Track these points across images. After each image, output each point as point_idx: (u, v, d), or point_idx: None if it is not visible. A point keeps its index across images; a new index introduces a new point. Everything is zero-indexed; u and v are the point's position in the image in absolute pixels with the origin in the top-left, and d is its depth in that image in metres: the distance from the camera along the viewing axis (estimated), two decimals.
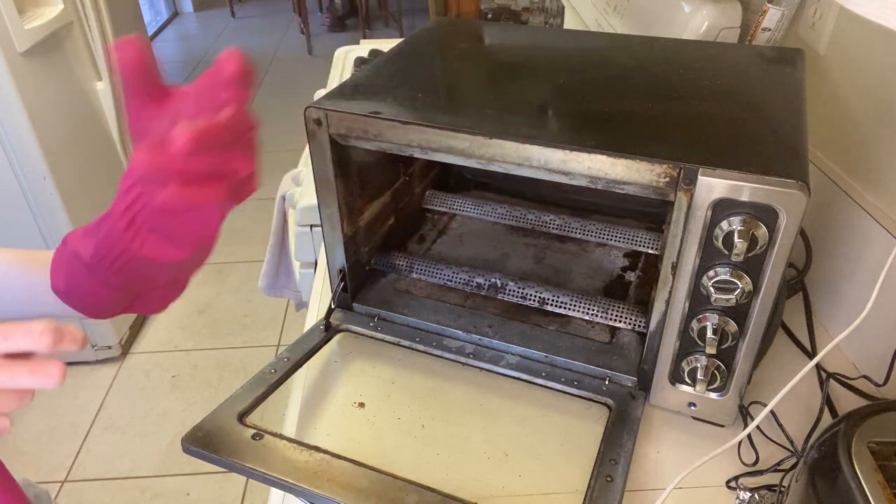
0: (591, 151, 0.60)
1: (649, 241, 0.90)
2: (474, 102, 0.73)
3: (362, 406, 0.73)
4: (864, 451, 0.51)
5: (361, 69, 0.81)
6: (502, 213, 0.97)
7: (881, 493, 0.48)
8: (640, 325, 0.77)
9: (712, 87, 0.75)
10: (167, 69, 4.14)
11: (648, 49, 0.88)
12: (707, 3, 1.01)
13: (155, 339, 2.23)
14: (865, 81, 0.81)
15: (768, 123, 0.67)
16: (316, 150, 0.73)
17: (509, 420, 0.72)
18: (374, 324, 0.82)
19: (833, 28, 0.86)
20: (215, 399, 0.80)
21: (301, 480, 0.59)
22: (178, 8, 5.50)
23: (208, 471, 1.78)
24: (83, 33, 1.88)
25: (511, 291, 0.83)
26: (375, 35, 4.91)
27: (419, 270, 0.87)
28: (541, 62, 0.85)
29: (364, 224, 0.84)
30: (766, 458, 0.68)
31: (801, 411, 0.72)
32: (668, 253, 0.62)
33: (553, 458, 0.67)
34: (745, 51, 0.90)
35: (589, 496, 0.60)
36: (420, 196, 1.01)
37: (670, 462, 0.68)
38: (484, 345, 0.78)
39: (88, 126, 1.95)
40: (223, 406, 0.67)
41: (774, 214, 0.56)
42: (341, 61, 1.75)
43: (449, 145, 0.66)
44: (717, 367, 0.66)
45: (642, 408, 0.70)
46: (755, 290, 0.60)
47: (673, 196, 0.59)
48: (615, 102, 0.73)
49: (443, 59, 0.87)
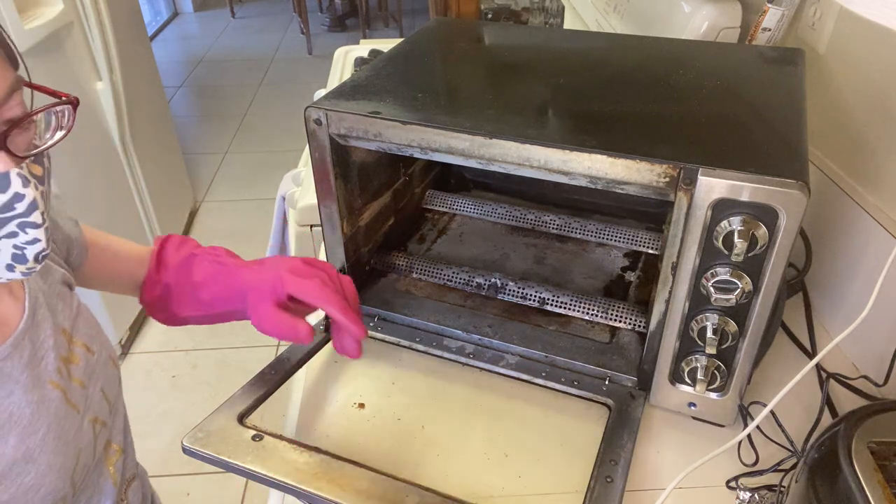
0: (591, 151, 0.60)
1: (649, 241, 0.90)
2: (474, 102, 0.73)
3: (362, 407, 0.73)
4: (864, 451, 0.51)
5: (361, 69, 0.81)
6: (502, 213, 0.97)
7: (881, 493, 0.48)
8: (640, 325, 0.77)
9: (712, 87, 0.75)
10: (167, 69, 4.14)
11: (648, 49, 0.88)
12: (707, 3, 1.01)
13: (155, 340, 2.23)
14: (865, 81, 0.81)
15: (768, 123, 0.67)
16: (316, 150, 0.73)
17: (509, 420, 0.72)
18: (375, 324, 0.82)
19: (833, 28, 0.86)
20: (215, 399, 0.80)
21: (301, 482, 0.59)
22: (178, 8, 5.50)
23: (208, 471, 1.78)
24: (83, 33, 1.88)
25: (511, 291, 0.83)
26: (375, 35, 4.91)
27: (419, 270, 0.87)
28: (541, 62, 0.85)
29: (364, 224, 0.84)
30: (766, 458, 0.68)
31: (801, 411, 0.72)
32: (668, 253, 0.62)
33: (553, 459, 0.67)
34: (745, 51, 0.90)
35: (589, 496, 0.60)
36: (420, 196, 1.01)
37: (670, 462, 0.68)
38: (484, 345, 0.78)
39: (88, 126, 1.95)
40: (223, 407, 0.67)
41: (774, 214, 0.56)
42: (341, 61, 1.75)
43: (449, 145, 0.66)
44: (717, 367, 0.66)
45: (642, 408, 0.70)
46: (755, 290, 0.60)
47: (673, 196, 0.59)
48: (615, 102, 0.73)
49: (443, 59, 0.87)
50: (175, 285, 0.72)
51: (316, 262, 0.70)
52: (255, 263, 0.71)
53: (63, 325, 0.64)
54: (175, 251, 0.74)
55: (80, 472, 0.62)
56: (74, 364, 0.64)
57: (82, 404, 0.63)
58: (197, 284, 0.71)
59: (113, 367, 0.70)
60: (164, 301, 0.73)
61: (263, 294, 0.66)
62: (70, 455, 0.60)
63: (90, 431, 0.64)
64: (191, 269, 0.72)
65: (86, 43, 1.90)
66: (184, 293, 0.72)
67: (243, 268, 0.70)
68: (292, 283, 0.66)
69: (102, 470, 0.68)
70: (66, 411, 0.60)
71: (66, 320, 0.65)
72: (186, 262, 0.73)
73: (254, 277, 0.68)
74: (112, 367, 0.70)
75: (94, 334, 0.68)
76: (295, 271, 0.67)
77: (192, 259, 0.72)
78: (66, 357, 0.63)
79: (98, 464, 0.67)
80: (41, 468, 0.57)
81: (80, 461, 0.62)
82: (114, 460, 0.69)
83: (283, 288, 0.66)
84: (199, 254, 0.73)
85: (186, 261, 0.73)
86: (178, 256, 0.73)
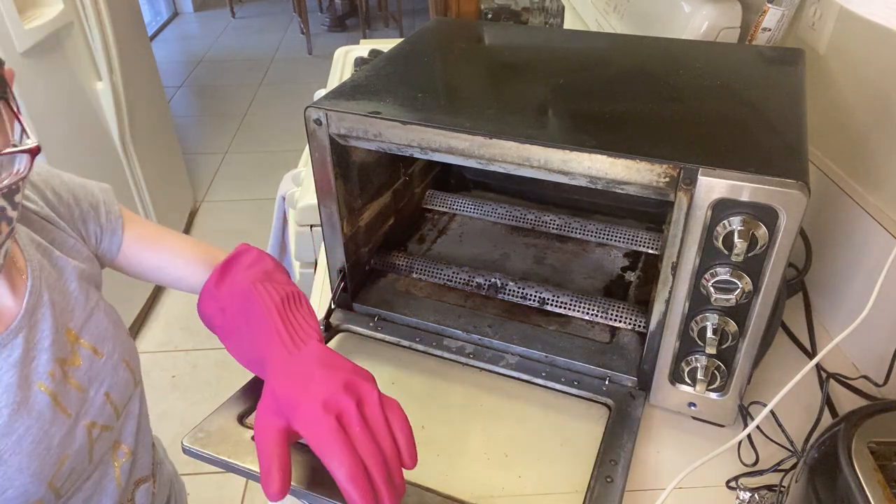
0: (591, 151, 0.60)
1: (649, 241, 0.90)
2: (474, 102, 0.73)
3: None
4: (864, 451, 0.51)
5: (361, 69, 0.81)
6: (502, 213, 0.97)
7: (881, 493, 0.48)
8: (640, 325, 0.77)
9: (712, 87, 0.75)
10: (167, 69, 4.14)
11: (648, 49, 0.88)
12: (707, 3, 1.01)
13: (155, 340, 2.23)
14: (865, 81, 0.81)
15: (768, 123, 0.67)
16: (316, 150, 0.73)
17: (509, 420, 0.72)
18: (374, 324, 0.82)
19: (833, 28, 0.86)
20: (215, 399, 0.80)
21: (301, 482, 0.59)
22: (178, 8, 5.50)
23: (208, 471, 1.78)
24: (83, 33, 1.88)
25: (511, 291, 0.83)
26: (375, 35, 4.91)
27: (419, 270, 0.87)
28: (541, 62, 0.85)
29: (364, 224, 0.84)
30: (766, 458, 0.68)
31: (801, 411, 0.72)
32: (668, 253, 0.62)
33: (553, 459, 0.67)
34: (745, 51, 0.90)
35: (589, 496, 0.60)
36: (420, 196, 1.01)
37: (670, 462, 0.68)
38: (484, 345, 0.78)
39: (88, 126, 1.95)
40: (223, 407, 0.67)
41: (774, 214, 0.56)
42: (341, 61, 1.75)
43: (449, 145, 0.66)
44: (717, 367, 0.66)
45: (642, 408, 0.70)
46: (755, 290, 0.60)
47: (673, 196, 0.59)
48: (615, 102, 0.73)
49: (443, 59, 0.87)
50: (228, 312, 0.66)
51: (361, 386, 0.53)
52: (290, 344, 0.58)
53: (68, 324, 0.63)
54: (245, 270, 0.68)
55: (66, 476, 0.60)
56: (74, 366, 0.62)
57: (76, 409, 0.62)
58: (238, 328, 0.63)
59: (125, 370, 0.68)
60: (213, 326, 0.69)
61: (270, 406, 0.54)
62: (50, 461, 0.58)
63: (84, 436, 0.62)
64: (245, 305, 0.64)
65: (86, 43, 1.90)
66: (228, 328, 0.66)
67: (276, 347, 0.58)
68: (301, 422, 0.51)
69: (107, 471, 0.66)
70: (52, 415, 0.59)
71: (73, 320, 0.63)
72: (244, 295, 0.64)
73: (278, 372, 0.56)
74: (124, 370, 0.68)
75: (108, 336, 0.66)
76: (324, 398, 0.51)
77: (248, 295, 0.64)
78: (65, 359, 0.61)
79: (100, 465, 0.65)
80: (10, 470, 0.55)
81: (66, 466, 0.60)
82: (121, 462, 0.68)
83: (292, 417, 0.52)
84: (255, 294, 0.63)
85: (244, 294, 0.64)
86: (243, 279, 0.66)
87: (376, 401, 0.53)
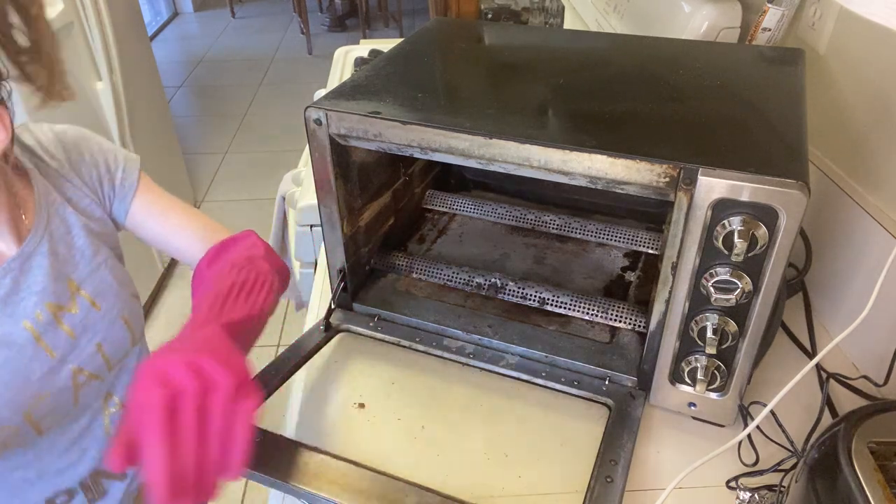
0: (591, 151, 0.60)
1: (649, 241, 0.90)
2: (474, 102, 0.73)
3: (362, 406, 0.73)
4: (864, 451, 0.51)
5: (361, 69, 0.81)
6: (502, 213, 0.97)
7: (881, 493, 0.48)
8: (640, 325, 0.77)
9: (712, 87, 0.75)
10: (167, 69, 4.14)
11: (648, 49, 0.88)
12: (707, 3, 1.01)
13: (155, 340, 2.22)
14: (865, 81, 0.81)
15: (768, 123, 0.67)
16: (316, 150, 0.73)
17: (509, 420, 0.72)
18: (374, 324, 0.82)
19: (833, 28, 0.86)
20: None
21: (301, 482, 0.59)
22: (178, 8, 5.49)
23: None
24: (83, 33, 1.88)
25: (511, 291, 0.83)
26: (375, 35, 4.91)
27: (419, 270, 0.87)
28: (541, 62, 0.85)
29: (364, 224, 0.84)
30: (766, 458, 0.68)
31: (801, 411, 0.72)
32: (668, 253, 0.62)
33: (553, 459, 0.67)
34: (745, 51, 0.90)
35: (589, 496, 0.60)
36: (420, 196, 1.01)
37: (670, 462, 0.68)
38: (484, 345, 0.78)
39: (88, 126, 1.93)
40: None
41: (774, 214, 0.56)
42: (341, 61, 1.75)
43: (449, 145, 0.66)
44: (717, 367, 0.66)
45: (642, 408, 0.70)
46: (755, 290, 0.60)
47: (673, 196, 0.59)
48: (615, 102, 0.73)
49: (443, 59, 0.87)
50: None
51: (217, 375, 0.49)
52: (198, 322, 0.58)
53: (71, 275, 0.68)
54: (235, 254, 0.70)
55: (47, 413, 0.64)
56: (70, 312, 0.67)
57: (63, 352, 0.66)
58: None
59: (123, 327, 0.73)
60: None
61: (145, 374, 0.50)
62: (27, 393, 0.62)
63: (68, 379, 0.66)
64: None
65: (86, 43, 1.90)
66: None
67: (187, 324, 0.59)
68: (136, 389, 0.48)
69: (96, 417, 0.72)
70: (34, 352, 0.63)
71: (77, 271, 0.68)
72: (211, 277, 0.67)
73: (167, 344, 0.54)
74: (122, 327, 0.72)
75: (110, 292, 0.71)
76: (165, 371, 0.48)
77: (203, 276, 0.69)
78: (61, 305, 0.66)
79: (88, 411, 0.70)
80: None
81: (47, 403, 0.64)
82: (111, 412, 0.73)
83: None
84: (212, 276, 0.66)
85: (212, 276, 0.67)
86: (225, 262, 0.68)
87: (224, 396, 0.48)
